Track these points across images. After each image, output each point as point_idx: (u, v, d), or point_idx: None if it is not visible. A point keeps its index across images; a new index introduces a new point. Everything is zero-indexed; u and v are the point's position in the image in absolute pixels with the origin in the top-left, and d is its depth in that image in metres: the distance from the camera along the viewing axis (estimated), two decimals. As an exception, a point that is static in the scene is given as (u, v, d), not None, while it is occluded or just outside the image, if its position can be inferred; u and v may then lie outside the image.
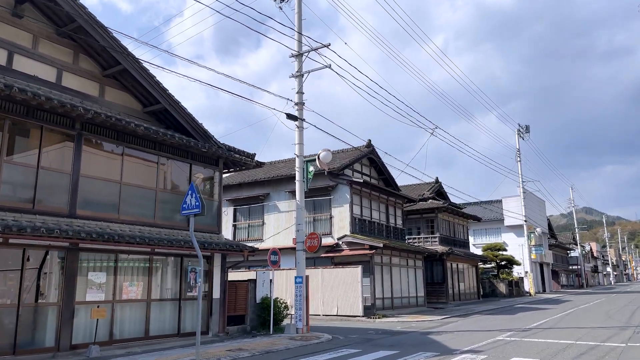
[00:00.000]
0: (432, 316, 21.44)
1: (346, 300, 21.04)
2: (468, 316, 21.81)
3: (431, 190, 33.28)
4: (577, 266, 77.63)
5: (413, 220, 32.53)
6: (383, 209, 26.34)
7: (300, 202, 16.01)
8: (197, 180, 15.70)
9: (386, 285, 23.51)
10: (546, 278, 55.86)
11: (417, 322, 19.22)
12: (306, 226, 24.27)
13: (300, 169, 16.11)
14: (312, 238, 15.52)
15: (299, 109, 16.48)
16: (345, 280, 21.25)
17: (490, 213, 49.96)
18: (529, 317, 20.70)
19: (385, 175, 28.26)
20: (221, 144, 15.55)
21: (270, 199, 25.76)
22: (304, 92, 16.76)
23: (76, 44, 13.03)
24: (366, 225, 24.20)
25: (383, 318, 20.64)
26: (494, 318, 20.49)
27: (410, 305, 25.28)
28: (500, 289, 39.42)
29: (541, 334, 14.38)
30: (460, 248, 34.26)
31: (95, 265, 11.87)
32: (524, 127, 45.86)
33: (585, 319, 18.77)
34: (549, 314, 21.67)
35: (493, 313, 23.49)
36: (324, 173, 23.50)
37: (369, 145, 26.36)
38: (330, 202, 23.87)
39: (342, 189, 23.62)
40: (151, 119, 14.74)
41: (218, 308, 14.65)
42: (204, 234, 14.66)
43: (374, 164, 27.70)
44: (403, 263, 25.51)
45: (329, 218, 23.80)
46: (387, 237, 25.79)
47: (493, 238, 49.55)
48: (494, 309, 26.10)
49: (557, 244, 67.11)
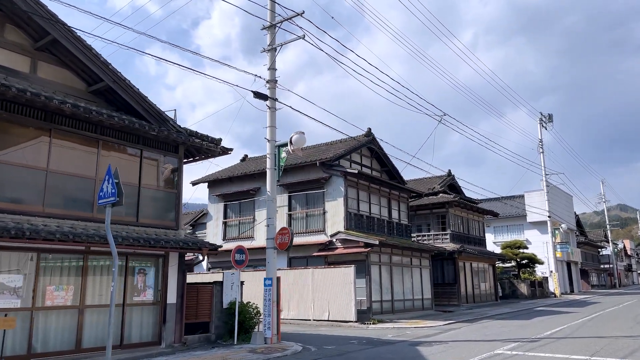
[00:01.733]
0: (435, 321, 19.18)
1: (338, 304, 18.98)
2: (476, 321, 19.47)
3: (442, 184, 30.87)
4: (609, 265, 73.57)
5: (422, 216, 30.19)
6: (384, 203, 24.14)
7: (271, 192, 14.01)
8: (166, 171, 13.92)
9: (385, 286, 21.33)
10: (574, 278, 52.58)
11: (414, 329, 17.03)
12: (298, 222, 22.35)
13: (272, 155, 14.12)
14: (283, 234, 13.50)
15: (270, 87, 14.50)
16: (337, 282, 19.19)
17: (512, 209, 47.14)
18: (545, 323, 18.27)
19: (388, 167, 26.05)
20: (181, 128, 13.69)
21: (262, 193, 23.82)
22: (276, 68, 14.77)
23: (1, 12, 11.34)
24: (364, 220, 22.06)
25: (378, 324, 18.50)
26: (504, 324, 18.14)
27: (415, 308, 23.03)
28: (521, 290, 36.67)
29: (551, 346, 12.06)
30: (476, 246, 31.75)
31: (11, 266, 10.10)
32: (547, 116, 42.87)
33: (609, 326, 16.28)
34: (569, 319, 19.18)
35: (506, 318, 21.07)
36: (316, 164, 21.55)
37: (368, 134, 24.21)
38: (324, 195, 21.83)
39: (336, 181, 21.55)
40: (98, 100, 12.97)
41: (174, 314, 12.78)
42: (158, 229, 12.84)
43: (375, 155, 25.53)
44: (406, 262, 23.27)
45: (322, 213, 21.76)
46: (389, 234, 23.61)
47: (515, 235, 46.66)
48: (508, 313, 23.64)
49: (586, 241, 63.44)
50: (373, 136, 24.48)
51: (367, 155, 25.30)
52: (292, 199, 22.85)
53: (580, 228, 65.47)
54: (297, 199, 22.78)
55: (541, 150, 42.46)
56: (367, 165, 25.04)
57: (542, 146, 42.48)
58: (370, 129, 24.44)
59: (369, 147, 25.02)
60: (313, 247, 21.54)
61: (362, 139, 23.95)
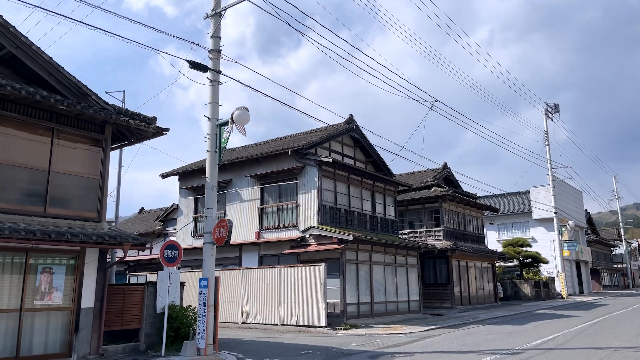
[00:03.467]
0: (416, 327, 17.12)
1: (308, 307, 17.01)
2: (462, 327, 17.37)
3: (436, 177, 28.71)
4: (623, 264, 70.59)
5: (414, 211, 28.08)
6: (367, 196, 22.09)
7: (211, 179, 12.06)
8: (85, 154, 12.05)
9: (364, 287, 19.30)
10: (584, 278, 50.00)
11: (387, 336, 15.00)
12: (270, 217, 20.44)
13: (213, 135, 12.17)
14: (221, 227, 11.56)
15: (213, 57, 12.56)
16: (307, 283, 17.23)
17: (517, 205, 44.75)
18: (539, 329, 16.13)
19: (373, 158, 23.99)
20: (107, 105, 11.83)
21: (233, 185, 21.95)
22: (220, 36, 12.82)
23: None
24: (341, 215, 20.04)
25: (351, 329, 16.49)
26: (492, 330, 16.03)
27: (399, 311, 20.96)
28: (524, 291, 34.34)
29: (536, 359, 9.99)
30: (473, 243, 29.55)
31: None
32: (553, 106, 40.41)
33: (610, 334, 14.12)
34: (567, 325, 17.01)
35: (498, 322, 18.92)
36: (288, 153, 19.57)
37: (349, 121, 22.19)
38: (297, 187, 19.84)
39: (309, 171, 19.56)
40: (7, 71, 11.16)
41: (90, 321, 10.88)
42: (74, 221, 10.96)
43: (360, 145, 23.48)
44: (389, 261, 21.20)
45: (295, 207, 19.78)
46: (372, 230, 21.56)
47: (520, 233, 44.24)
48: (504, 317, 21.47)
49: (598, 239, 60.62)
50: (355, 124, 22.45)
51: (349, 144, 23.27)
52: (264, 191, 20.91)
53: (591, 226, 62.66)
54: (269, 192, 20.83)
55: (547, 142, 40.06)
56: (349, 156, 23.02)
57: (547, 138, 40.08)
58: (352, 116, 22.43)
59: (352, 136, 23.01)
60: (285, 243, 19.61)
61: (342, 126, 21.93)
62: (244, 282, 18.96)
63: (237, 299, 19.02)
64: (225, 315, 19.08)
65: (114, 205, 17.44)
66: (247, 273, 19.05)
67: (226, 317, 19.04)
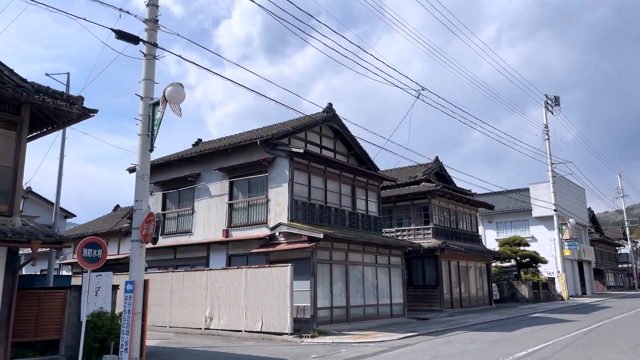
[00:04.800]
0: (393, 334, 15.49)
1: (273, 312, 15.41)
2: (444, 334, 15.72)
3: (426, 172, 27.03)
4: (628, 264, 68.57)
5: (402, 208, 26.44)
6: (347, 191, 20.46)
7: (141, 167, 10.46)
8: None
9: (339, 290, 17.68)
10: (587, 278, 48.17)
11: (355, 346, 13.38)
12: (240, 213, 18.90)
13: (145, 117, 10.59)
14: (149, 222, 9.97)
15: (149, 28, 10.98)
16: (273, 285, 15.64)
17: (517, 203, 43.01)
18: (529, 336, 14.47)
19: (355, 151, 22.35)
20: (24, 82, 10.30)
21: (201, 179, 20.39)
22: (158, 4, 11.24)
23: None
24: (315, 211, 18.43)
25: (319, 337, 14.89)
26: (476, 338, 14.37)
27: (380, 315, 19.32)
28: (521, 293, 32.59)
29: (509, 380, 8.34)
30: (467, 242, 27.87)
31: None
32: (553, 98, 38.62)
33: (608, 343, 12.45)
34: (561, 331, 15.33)
35: (486, 328, 17.26)
36: (257, 143, 17.98)
37: (328, 109, 20.56)
38: (267, 181, 18.26)
39: (280, 163, 17.96)
40: None
41: (-7, 331, 9.34)
42: (-24, 215, 9.43)
43: (340, 136, 21.85)
44: (370, 260, 19.57)
45: (265, 202, 18.19)
46: (352, 228, 19.94)
47: (520, 232, 42.45)
48: (494, 321, 19.81)
49: (602, 239, 58.69)
50: (334, 113, 20.83)
51: (329, 136, 21.65)
52: (233, 186, 19.33)
53: (595, 225, 60.73)
54: (239, 186, 19.25)
55: (547, 136, 38.28)
56: (329, 148, 21.40)
57: (547, 132, 38.29)
58: (331, 105, 20.80)
59: (332, 127, 21.38)
60: (254, 242, 18.03)
61: (320, 115, 20.31)
62: (208, 284, 17.39)
63: (200, 302, 17.45)
64: (188, 320, 17.56)
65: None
66: (211, 274, 17.49)
67: (189, 322, 17.52)
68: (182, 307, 17.99)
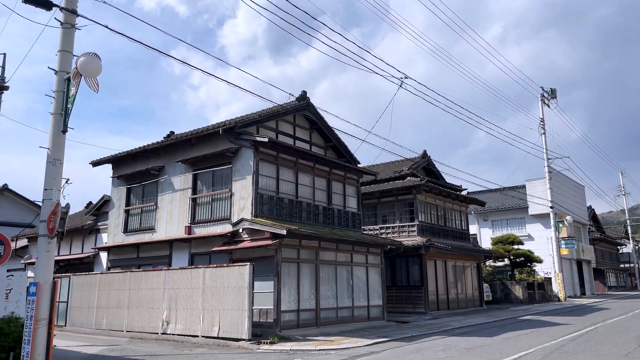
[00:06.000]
0: (362, 339, 14.11)
1: (231, 316, 14.06)
2: (420, 339, 14.33)
3: (412, 167, 25.63)
4: (630, 264, 66.93)
5: (386, 204, 25.03)
6: (322, 185, 19.09)
7: (53, 150, 9.09)
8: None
9: (307, 291, 16.30)
10: (586, 278, 46.65)
11: (314, 354, 12.02)
12: (203, 208, 17.58)
13: (59, 93, 9.24)
14: (55, 213, 8.60)
15: (68, -6, 9.62)
16: (231, 286, 14.29)
17: (513, 200, 41.61)
18: (509, 343, 13.06)
19: (333, 143, 20.96)
20: None
21: (165, 172, 19.05)
22: (78, -32, 9.88)
23: None
24: (284, 206, 17.06)
25: (278, 343, 13.52)
26: (451, 344, 12.98)
27: (355, 319, 17.94)
28: (515, 293, 31.13)
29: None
30: (456, 240, 26.46)
31: None
32: (549, 90, 37.13)
33: (595, 351, 11.05)
34: (548, 336, 13.93)
35: (467, 333, 15.86)
36: (219, 132, 16.63)
37: (301, 97, 19.19)
38: (231, 173, 16.91)
39: (245, 154, 16.61)
40: None
41: None
42: None
43: (316, 126, 20.46)
44: (344, 259, 18.18)
45: (229, 196, 16.84)
46: (327, 224, 18.57)
47: (516, 230, 40.96)
48: (479, 325, 18.42)
49: (602, 238, 57.09)
50: (308, 102, 19.45)
51: (304, 127, 20.25)
52: (197, 179, 17.99)
53: (596, 223, 59.17)
54: (202, 179, 17.91)
55: (543, 131, 36.78)
56: (304, 139, 20.00)
57: (543, 126, 36.78)
58: (305, 92, 19.44)
59: (307, 117, 20.00)
60: (218, 239, 16.68)
61: (292, 104, 18.94)
62: (166, 285, 16.05)
63: (158, 305, 16.11)
64: (145, 324, 16.24)
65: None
66: (169, 275, 16.14)
67: (145, 326, 16.20)
68: (139, 310, 16.66)
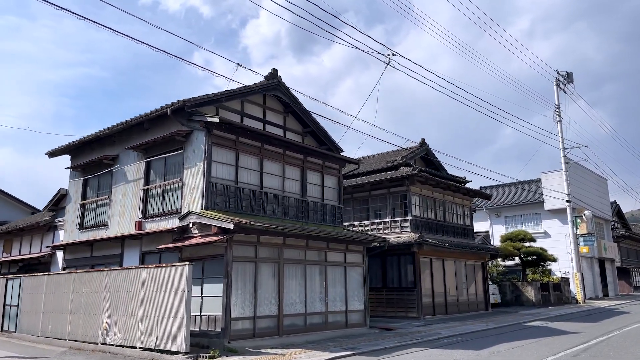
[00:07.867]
0: (324, 353, 11.89)
1: (169, 324, 11.99)
2: (394, 352, 12.04)
3: (407, 156, 23.22)
4: (660, 262, 62.96)
5: (378, 197, 22.73)
6: (294, 174, 16.91)
7: None
8: None
9: (268, 295, 14.12)
10: (609, 279, 43.44)
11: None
12: (155, 200, 15.60)
13: None
14: None
15: None
16: (169, 289, 12.23)
17: (527, 195, 38.72)
18: (498, 358, 10.68)
19: (311, 128, 18.75)
20: None
21: (120, 162, 17.11)
22: None
23: None
24: (245, 197, 14.91)
25: (221, 357, 11.39)
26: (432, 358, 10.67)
27: (331, 326, 15.70)
28: (527, 295, 28.44)
29: None
30: (457, 237, 24.00)
31: None
32: (565, 74, 34.20)
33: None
34: (549, 349, 11.51)
35: (454, 344, 13.48)
36: (167, 113, 14.58)
37: (270, 76, 17.02)
38: (183, 160, 14.85)
39: (197, 138, 14.54)
40: None
41: None
42: None
43: (290, 109, 18.26)
44: (316, 258, 15.95)
45: (180, 186, 14.78)
46: (300, 219, 16.40)
47: (531, 226, 38.10)
48: (474, 332, 16.00)
49: (627, 234, 53.47)
50: (279, 81, 17.27)
51: (277, 110, 18.07)
52: (150, 167, 15.99)
53: (621, 220, 55.59)
54: (155, 168, 15.90)
55: (558, 118, 33.89)
56: (276, 124, 17.81)
57: (559, 113, 33.89)
58: (276, 70, 17.26)
59: (280, 99, 17.82)
60: (168, 235, 14.64)
61: (260, 83, 16.78)
62: (107, 287, 14.07)
63: (99, 310, 14.14)
64: (85, 333, 14.30)
65: None
66: (110, 276, 14.14)
67: (85, 334, 14.26)
68: (81, 316, 14.72)
